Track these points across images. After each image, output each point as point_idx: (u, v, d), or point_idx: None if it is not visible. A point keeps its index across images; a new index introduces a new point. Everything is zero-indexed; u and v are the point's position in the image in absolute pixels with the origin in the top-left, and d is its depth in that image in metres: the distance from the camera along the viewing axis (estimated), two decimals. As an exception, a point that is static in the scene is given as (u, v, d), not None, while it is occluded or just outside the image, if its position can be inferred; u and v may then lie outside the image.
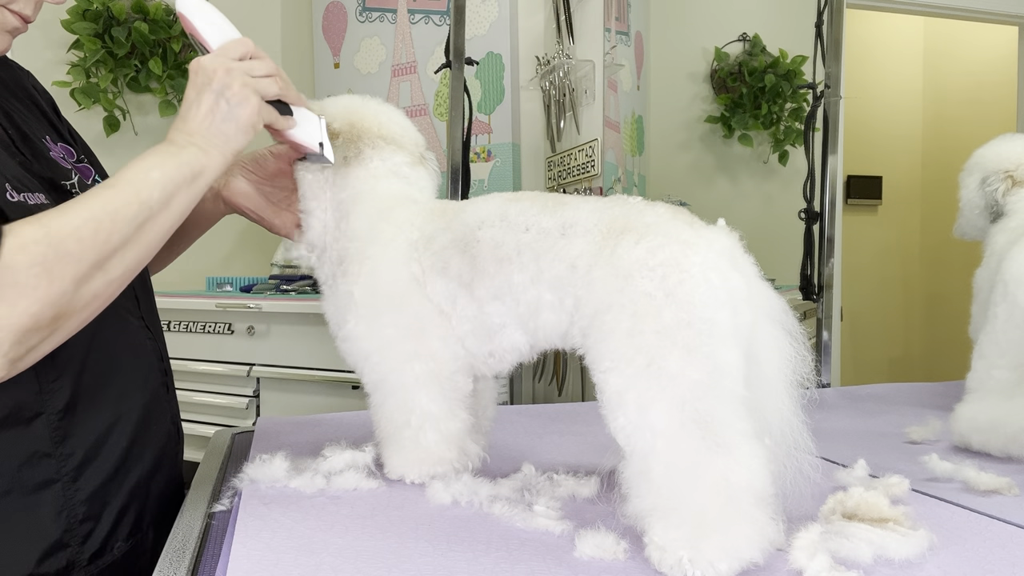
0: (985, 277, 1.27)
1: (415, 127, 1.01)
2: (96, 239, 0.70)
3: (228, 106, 0.80)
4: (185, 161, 0.77)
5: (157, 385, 0.94)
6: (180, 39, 2.83)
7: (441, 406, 0.88)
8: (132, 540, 0.87)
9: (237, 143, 0.82)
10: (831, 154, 1.75)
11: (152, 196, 0.74)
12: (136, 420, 0.89)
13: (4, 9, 0.76)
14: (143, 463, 0.90)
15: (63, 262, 0.68)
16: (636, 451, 0.66)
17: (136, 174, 0.75)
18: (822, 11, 1.81)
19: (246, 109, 0.81)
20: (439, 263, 0.85)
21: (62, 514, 0.80)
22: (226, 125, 0.80)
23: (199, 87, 0.80)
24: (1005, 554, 0.69)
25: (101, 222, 0.70)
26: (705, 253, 0.67)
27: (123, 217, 0.72)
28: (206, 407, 2.47)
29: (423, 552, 0.69)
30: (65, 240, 0.68)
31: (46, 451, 0.79)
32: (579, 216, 0.76)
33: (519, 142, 2.53)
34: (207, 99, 0.80)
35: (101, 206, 0.71)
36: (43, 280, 0.66)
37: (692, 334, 0.65)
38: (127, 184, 0.74)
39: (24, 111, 0.89)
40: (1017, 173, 1.27)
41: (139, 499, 0.89)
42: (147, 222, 0.74)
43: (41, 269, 0.66)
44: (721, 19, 3.27)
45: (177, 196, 0.77)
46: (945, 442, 1.09)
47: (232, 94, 0.80)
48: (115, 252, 0.72)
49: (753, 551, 0.63)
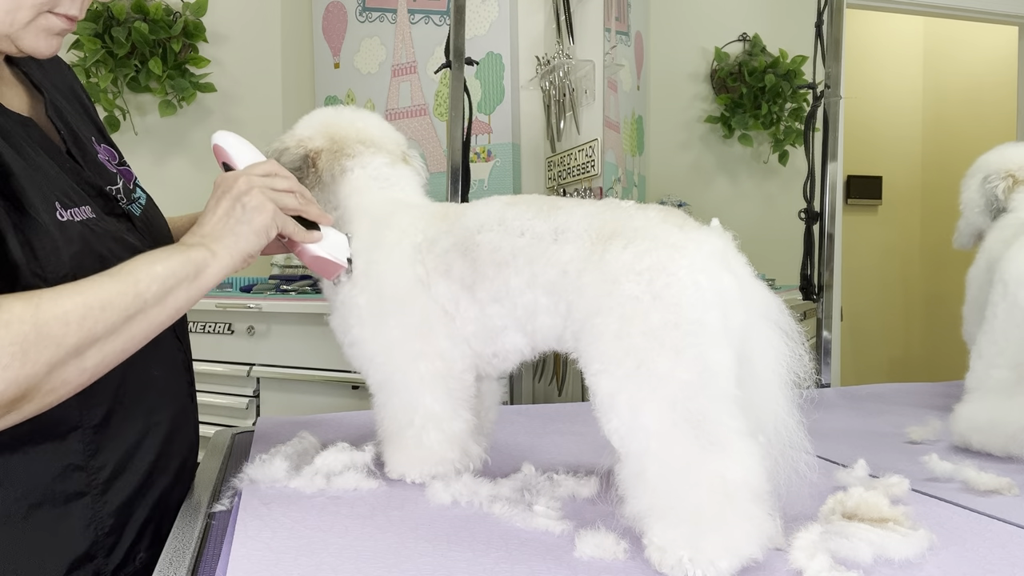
0: (976, 275, 1.26)
1: (395, 129, 1.02)
2: (82, 325, 0.68)
3: (243, 210, 0.82)
4: (191, 258, 0.77)
5: (184, 396, 0.95)
6: (180, 39, 2.83)
7: (445, 406, 0.88)
8: (152, 550, 0.88)
9: (248, 245, 0.82)
10: (831, 155, 1.75)
11: (150, 289, 0.73)
12: (164, 433, 0.89)
13: (49, 14, 0.76)
14: (167, 475, 0.90)
15: (42, 344, 0.65)
16: (631, 452, 0.67)
17: (139, 265, 0.74)
18: (822, 11, 1.81)
19: (261, 215, 0.82)
20: (442, 266, 0.85)
21: (90, 526, 0.80)
22: (239, 227, 0.81)
23: (219, 195, 0.83)
24: (1005, 554, 0.70)
25: (91, 308, 0.69)
26: (693, 256, 0.67)
27: (115, 306, 0.70)
28: (206, 407, 2.45)
29: (423, 552, 0.69)
30: (50, 322, 0.66)
31: (79, 464, 0.79)
32: (571, 221, 0.76)
33: (519, 142, 2.53)
34: (224, 204, 0.82)
35: (95, 292, 0.69)
36: (16, 360, 0.64)
37: (680, 335, 0.65)
38: (127, 274, 0.73)
39: (73, 111, 0.90)
40: (1019, 173, 1.27)
41: (160, 510, 0.89)
42: (138, 315, 0.73)
43: (19, 348, 0.64)
44: (721, 19, 3.26)
45: (176, 292, 0.76)
46: (945, 442, 1.09)
47: (248, 199, 0.82)
48: (96, 341, 0.70)
49: (752, 547, 0.63)
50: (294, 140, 0.95)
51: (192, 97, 2.90)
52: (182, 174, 3.00)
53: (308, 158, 0.94)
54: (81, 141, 0.86)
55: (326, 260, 0.90)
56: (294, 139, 0.95)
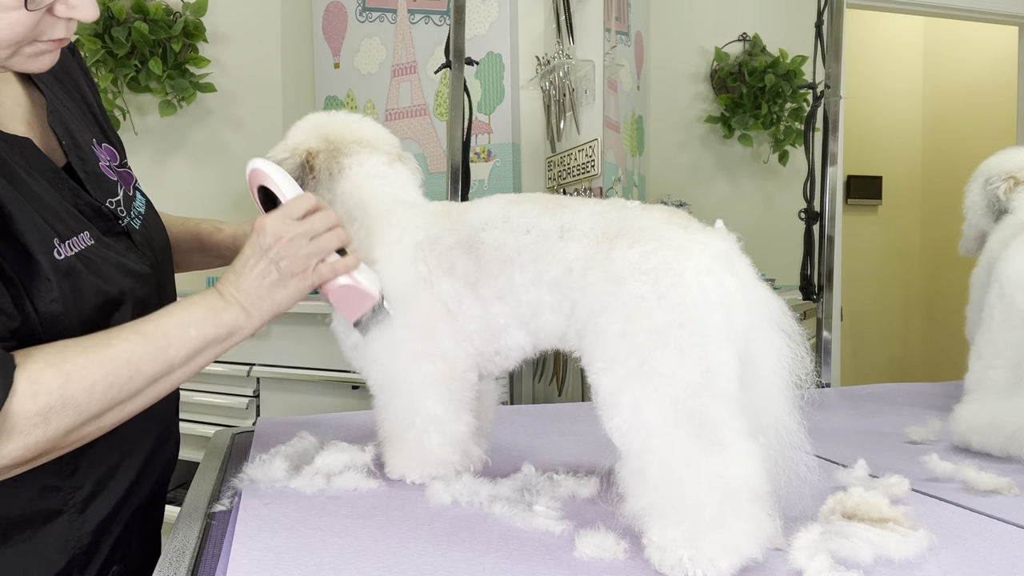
0: (979, 276, 1.27)
1: (391, 130, 1.02)
2: (107, 394, 0.69)
3: (280, 276, 0.81)
4: (224, 321, 0.78)
5: (170, 415, 0.95)
6: (180, 39, 2.83)
7: (447, 408, 0.88)
8: (125, 564, 0.88)
9: (281, 308, 0.83)
10: (831, 158, 1.75)
11: (179, 354, 0.74)
12: (146, 453, 0.89)
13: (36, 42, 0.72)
14: (143, 492, 0.90)
15: (65, 413, 0.66)
16: (632, 451, 0.67)
17: (173, 328, 0.74)
18: (822, 11, 1.81)
19: (298, 282, 0.82)
20: (445, 263, 0.85)
21: (68, 544, 0.80)
22: (276, 291, 0.82)
23: (258, 250, 0.81)
24: (1005, 554, 0.70)
25: (119, 376, 0.70)
26: (698, 257, 0.68)
27: (142, 373, 0.72)
28: (206, 407, 2.47)
29: (423, 552, 0.69)
30: (77, 394, 0.67)
31: (55, 484, 0.79)
32: (577, 219, 0.76)
33: (519, 142, 2.53)
34: (262, 264, 0.81)
35: (127, 357, 0.70)
36: (39, 428, 0.65)
37: (684, 335, 0.65)
38: (159, 337, 0.73)
39: (75, 109, 0.88)
40: (1020, 175, 1.28)
41: (135, 524, 0.89)
42: (162, 378, 0.74)
43: (42, 419, 0.65)
44: (721, 19, 3.26)
45: (204, 353, 0.77)
46: (945, 442, 1.09)
47: (287, 265, 0.81)
48: (118, 404, 0.71)
49: (752, 547, 0.63)
50: (288, 150, 0.94)
51: (192, 97, 2.90)
52: (182, 174, 2.99)
53: (306, 163, 0.94)
54: (82, 149, 0.84)
55: (356, 290, 0.85)
56: (288, 148, 0.94)
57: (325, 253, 0.84)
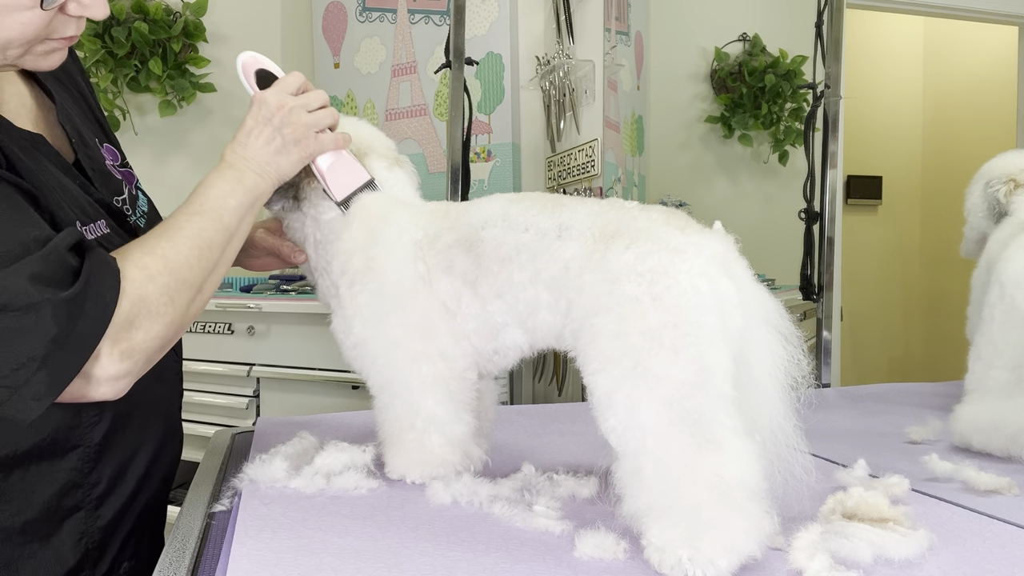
0: (979, 276, 1.27)
1: (385, 134, 1.02)
2: (200, 266, 0.76)
3: (283, 142, 0.86)
4: (250, 187, 0.84)
5: (175, 412, 0.96)
6: (180, 39, 2.83)
7: (447, 409, 0.88)
8: (134, 560, 0.88)
9: (287, 174, 0.88)
10: (831, 160, 1.75)
11: (232, 222, 0.81)
12: (154, 448, 0.90)
13: (47, 40, 0.74)
14: (151, 487, 0.91)
15: (181, 288, 0.73)
16: (627, 451, 0.67)
17: (216, 202, 0.81)
18: (822, 11, 1.81)
19: (301, 149, 0.87)
20: (444, 261, 0.85)
21: (81, 541, 0.81)
22: (280, 158, 0.86)
23: (259, 119, 0.86)
24: (1005, 554, 0.70)
25: (202, 250, 0.77)
26: (694, 260, 0.68)
27: (216, 243, 0.78)
28: (206, 407, 2.47)
29: (423, 552, 0.69)
30: (180, 269, 0.74)
31: (77, 481, 0.80)
32: (575, 219, 0.76)
33: (519, 142, 2.53)
34: (267, 132, 0.86)
35: (199, 234, 0.77)
36: (169, 307, 0.72)
37: (679, 335, 0.65)
38: (212, 212, 0.80)
39: (77, 109, 0.90)
40: (1020, 177, 1.28)
41: (144, 521, 0.90)
42: (227, 245, 0.81)
43: (168, 297, 0.73)
44: (721, 19, 3.26)
45: (245, 219, 0.83)
46: (945, 442, 1.09)
47: (289, 132, 0.86)
48: (209, 275, 0.78)
49: (751, 545, 0.63)
50: None
51: (192, 97, 2.90)
52: (182, 174, 2.99)
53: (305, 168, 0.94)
54: (89, 147, 0.86)
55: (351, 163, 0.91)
56: None
57: (322, 126, 0.89)
